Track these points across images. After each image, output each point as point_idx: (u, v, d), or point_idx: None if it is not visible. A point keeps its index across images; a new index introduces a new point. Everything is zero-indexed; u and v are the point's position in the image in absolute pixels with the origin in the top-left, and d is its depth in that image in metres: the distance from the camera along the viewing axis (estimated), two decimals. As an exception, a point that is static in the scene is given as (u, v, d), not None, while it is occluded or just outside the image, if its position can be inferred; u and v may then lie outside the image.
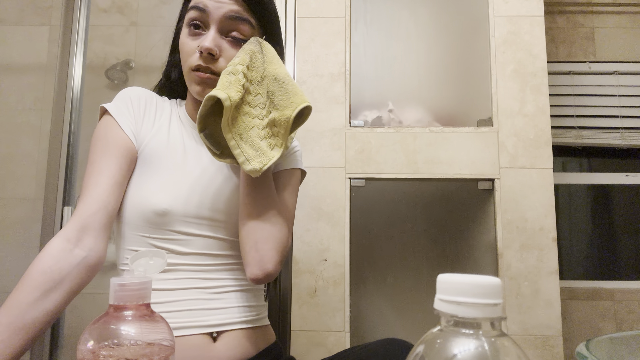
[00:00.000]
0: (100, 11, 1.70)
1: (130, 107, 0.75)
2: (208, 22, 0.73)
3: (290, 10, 1.52)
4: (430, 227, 1.41)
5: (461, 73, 1.49)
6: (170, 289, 0.70)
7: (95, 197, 0.68)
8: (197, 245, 0.72)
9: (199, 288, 0.71)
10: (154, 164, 0.73)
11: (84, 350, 0.40)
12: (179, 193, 0.72)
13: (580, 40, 2.00)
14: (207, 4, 0.73)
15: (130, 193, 0.72)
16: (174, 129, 0.78)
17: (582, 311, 1.82)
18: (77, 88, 1.51)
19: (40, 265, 0.62)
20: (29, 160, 1.70)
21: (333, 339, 1.35)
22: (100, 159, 0.70)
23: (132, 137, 0.73)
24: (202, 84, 0.73)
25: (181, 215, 0.71)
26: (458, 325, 0.30)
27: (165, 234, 0.71)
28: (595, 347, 0.39)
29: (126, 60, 1.68)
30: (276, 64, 0.73)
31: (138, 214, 0.71)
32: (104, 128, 0.73)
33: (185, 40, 0.75)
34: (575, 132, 1.96)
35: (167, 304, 0.69)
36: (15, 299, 0.60)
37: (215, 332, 0.71)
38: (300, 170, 0.84)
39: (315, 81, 1.48)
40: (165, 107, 0.81)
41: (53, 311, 0.62)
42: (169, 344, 0.43)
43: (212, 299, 0.72)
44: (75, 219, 0.67)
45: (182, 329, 0.68)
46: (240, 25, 0.74)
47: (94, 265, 0.67)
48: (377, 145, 1.44)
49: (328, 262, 1.38)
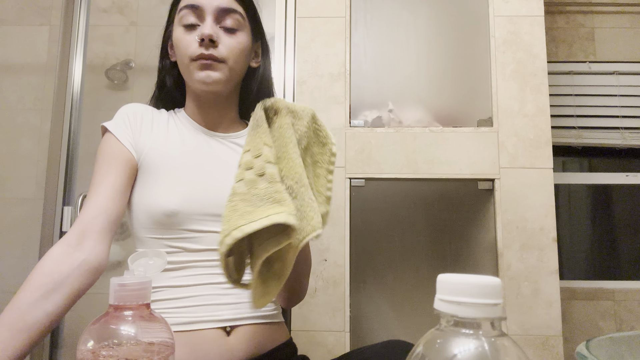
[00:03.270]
0: (100, 11, 1.70)
1: (127, 122, 0.79)
2: (203, 16, 0.77)
3: (290, 10, 1.52)
4: (430, 227, 1.41)
5: (461, 73, 1.49)
6: (185, 285, 0.73)
7: (96, 204, 0.71)
8: (208, 241, 0.74)
9: (212, 284, 0.74)
10: (156, 168, 0.76)
11: (84, 350, 0.40)
12: (184, 192, 0.74)
13: (580, 40, 2.00)
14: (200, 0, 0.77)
15: (139, 199, 0.76)
16: (173, 133, 0.81)
17: (582, 311, 1.82)
18: (77, 88, 1.51)
19: (42, 267, 0.64)
20: (29, 160, 1.70)
21: (333, 339, 1.35)
22: (101, 171, 0.74)
23: (131, 149, 0.77)
24: (205, 69, 0.76)
25: (190, 214, 0.73)
26: (458, 325, 0.30)
27: (177, 234, 0.74)
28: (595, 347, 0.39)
29: (126, 60, 1.68)
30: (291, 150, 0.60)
31: (149, 218, 0.74)
32: (104, 144, 0.77)
33: (181, 36, 0.78)
34: (575, 132, 1.96)
35: (182, 299, 0.72)
36: (17, 301, 0.61)
37: (228, 327, 0.73)
38: None
39: (315, 81, 1.48)
40: (162, 117, 0.83)
41: (54, 313, 0.63)
42: (169, 344, 0.43)
43: (225, 294, 0.74)
44: (75, 225, 0.69)
45: (196, 323, 0.71)
46: (233, 15, 0.79)
47: (94, 268, 0.68)
48: (377, 145, 1.44)
49: (328, 262, 1.38)
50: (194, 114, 0.83)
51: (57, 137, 1.47)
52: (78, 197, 1.43)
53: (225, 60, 0.76)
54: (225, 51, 0.76)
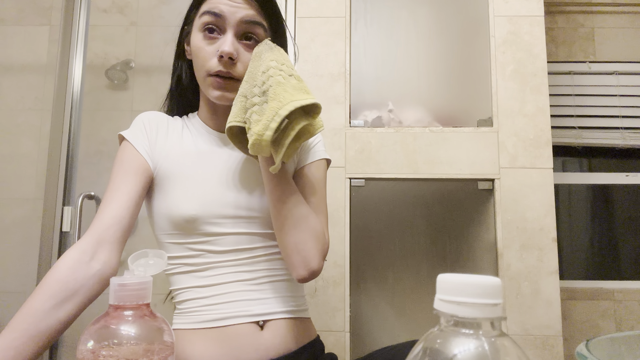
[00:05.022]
0: (100, 11, 1.70)
1: (143, 130, 0.80)
2: (224, 26, 0.76)
3: (290, 10, 1.52)
4: (430, 227, 1.41)
5: (461, 73, 1.49)
6: (213, 284, 0.74)
7: (111, 213, 0.71)
8: (230, 242, 0.76)
9: (240, 281, 0.75)
10: (174, 175, 0.77)
11: (84, 350, 0.40)
12: (202, 197, 0.75)
13: (580, 40, 2.00)
14: (223, 9, 0.75)
15: (158, 207, 0.77)
16: (187, 139, 0.82)
17: (582, 311, 1.82)
18: (77, 88, 1.51)
19: (57, 274, 0.65)
20: (29, 160, 1.70)
21: (333, 339, 1.35)
22: (117, 178, 0.75)
23: (146, 157, 0.78)
24: (221, 89, 0.76)
25: (209, 217, 0.75)
26: (458, 325, 0.30)
27: (198, 237, 0.75)
28: (595, 347, 0.39)
29: (126, 60, 1.68)
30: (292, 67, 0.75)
31: (170, 224, 0.75)
32: (121, 152, 0.78)
33: (201, 45, 0.77)
34: (575, 132, 1.96)
35: (212, 297, 0.73)
36: (32, 307, 0.62)
37: (261, 321, 0.74)
38: (325, 160, 0.86)
39: (315, 81, 1.48)
40: (177, 124, 0.84)
41: (66, 321, 0.63)
42: (169, 344, 0.43)
43: (254, 290, 0.75)
44: (91, 232, 0.70)
45: (229, 318, 0.72)
46: (256, 29, 0.77)
47: (107, 278, 0.69)
48: (377, 145, 1.44)
49: (328, 262, 1.38)
50: (207, 119, 0.84)
51: (57, 137, 1.47)
52: (78, 197, 1.43)
53: (242, 78, 0.76)
54: (243, 69, 0.76)
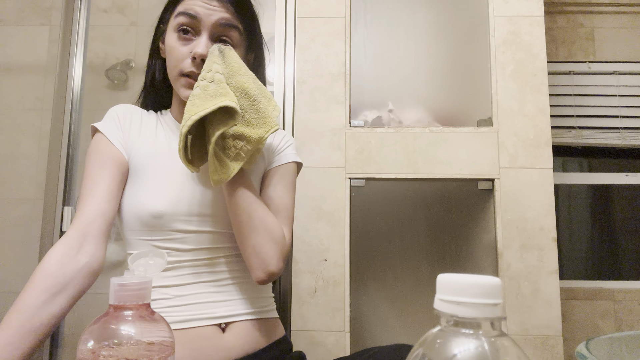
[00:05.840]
0: (100, 11, 1.70)
1: (117, 122, 0.80)
2: (199, 28, 0.76)
3: (290, 10, 1.52)
4: (430, 227, 1.41)
5: (461, 73, 1.49)
6: (177, 285, 0.74)
7: (93, 206, 0.72)
8: (195, 241, 0.75)
9: (203, 282, 0.75)
10: (144, 170, 0.77)
11: (84, 350, 0.40)
12: (171, 194, 0.75)
13: (580, 40, 2.00)
14: (198, 10, 0.75)
15: (127, 201, 0.76)
16: (160, 136, 0.82)
17: (582, 311, 1.82)
18: (77, 88, 1.51)
19: (47, 269, 0.65)
20: (29, 160, 1.70)
21: (333, 339, 1.35)
22: (94, 171, 0.75)
23: (121, 149, 0.77)
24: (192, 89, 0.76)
25: (175, 215, 0.74)
26: (458, 325, 0.30)
27: (164, 235, 0.74)
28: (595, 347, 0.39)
29: (126, 60, 1.68)
30: (244, 74, 0.74)
31: (137, 219, 0.75)
32: (95, 144, 0.78)
33: (175, 45, 0.77)
34: (575, 132, 1.96)
35: (176, 298, 0.73)
36: (24, 302, 0.62)
37: (223, 323, 0.74)
38: (294, 163, 0.85)
39: (315, 81, 1.48)
40: (151, 119, 0.84)
41: (59, 314, 0.64)
42: (169, 344, 0.43)
43: (217, 291, 0.75)
44: (75, 226, 0.70)
45: (191, 320, 0.72)
46: (230, 32, 0.77)
47: (95, 271, 0.70)
48: (377, 145, 1.44)
49: (328, 262, 1.39)
50: (179, 116, 0.84)
51: (57, 137, 1.47)
52: (78, 197, 1.43)
53: None
54: None
